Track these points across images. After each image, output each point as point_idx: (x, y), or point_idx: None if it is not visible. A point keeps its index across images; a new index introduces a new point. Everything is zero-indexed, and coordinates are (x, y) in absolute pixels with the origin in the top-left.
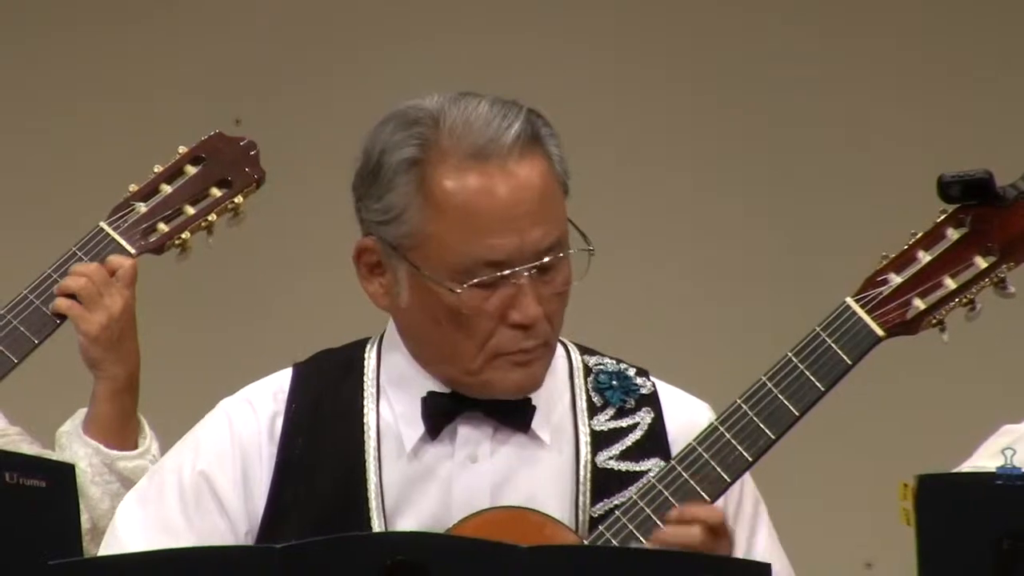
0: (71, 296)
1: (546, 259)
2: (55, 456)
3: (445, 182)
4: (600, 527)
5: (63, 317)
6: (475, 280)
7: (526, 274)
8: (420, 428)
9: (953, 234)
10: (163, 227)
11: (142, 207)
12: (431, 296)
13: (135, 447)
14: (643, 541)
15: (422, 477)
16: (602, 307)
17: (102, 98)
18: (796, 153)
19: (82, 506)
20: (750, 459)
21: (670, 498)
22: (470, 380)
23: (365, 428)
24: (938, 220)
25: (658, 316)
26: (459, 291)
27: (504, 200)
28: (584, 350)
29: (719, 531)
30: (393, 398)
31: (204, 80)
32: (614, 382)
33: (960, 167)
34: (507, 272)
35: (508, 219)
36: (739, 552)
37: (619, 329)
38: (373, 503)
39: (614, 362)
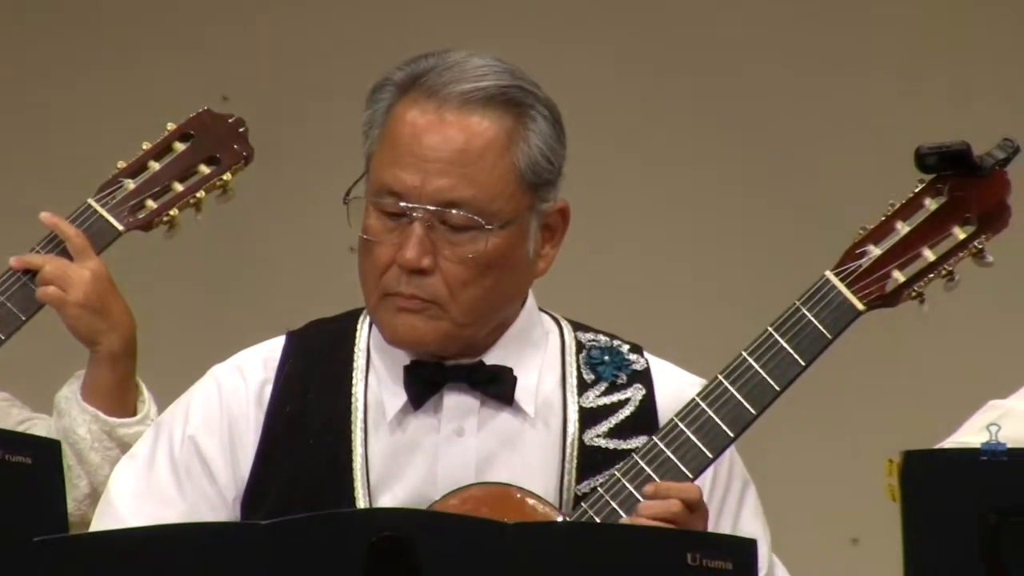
0: (48, 282)
1: (437, 208)
2: (51, 421)
3: (399, 109)
4: (583, 504)
5: None
6: (379, 202)
7: (417, 215)
8: (403, 397)
9: (931, 204)
10: (151, 204)
11: (130, 184)
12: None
13: (134, 413)
14: (625, 517)
15: (408, 449)
16: (595, 285)
17: (91, 75)
18: (775, 127)
19: (81, 472)
20: (731, 435)
21: (652, 475)
22: (373, 320)
23: (353, 399)
24: (916, 190)
25: (647, 291)
26: (372, 213)
27: (424, 138)
28: (578, 326)
29: (694, 507)
30: (379, 366)
31: (193, 57)
32: (606, 357)
33: (938, 138)
34: (403, 205)
35: (419, 157)
36: (725, 531)
37: (612, 305)
38: (358, 474)
39: (607, 338)
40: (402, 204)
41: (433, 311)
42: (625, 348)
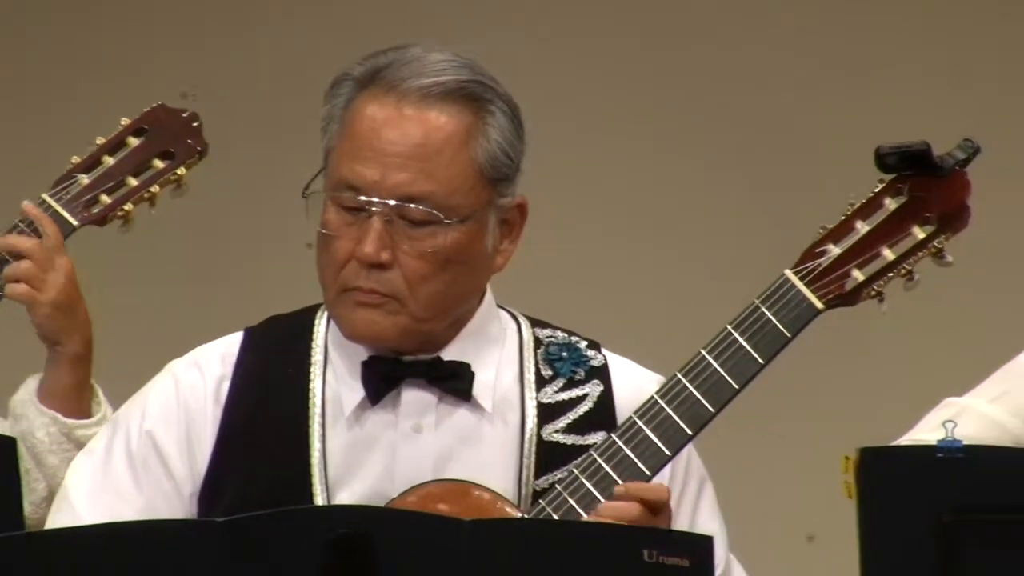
0: (18, 280)
1: (396, 203)
2: (6, 425)
3: (357, 103)
4: (541, 501)
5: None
6: (338, 196)
7: (376, 209)
8: (360, 392)
9: (891, 204)
10: (105, 199)
11: (84, 179)
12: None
13: (90, 415)
14: (583, 515)
15: (365, 445)
16: (554, 281)
17: (45, 69)
18: (744, 119)
19: (39, 475)
20: (690, 433)
21: (610, 472)
22: (332, 315)
23: (311, 395)
24: (876, 190)
25: (606, 289)
26: (330, 208)
27: (381, 133)
28: (536, 323)
29: (658, 509)
30: (337, 362)
31: (151, 53)
32: (564, 353)
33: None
34: (362, 200)
35: (378, 152)
36: (682, 528)
37: (571, 302)
38: (316, 471)
39: (565, 334)
40: (361, 198)
41: (392, 306)
42: (583, 344)
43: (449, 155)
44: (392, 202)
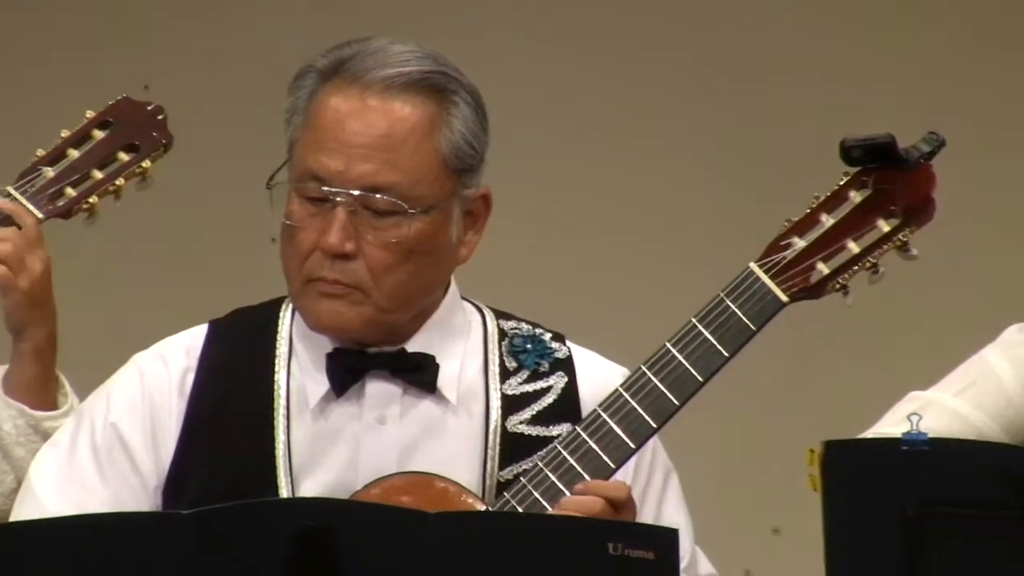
0: None
1: (360, 193)
2: None
3: (321, 95)
4: (506, 494)
5: None
6: (302, 187)
7: (340, 200)
8: (325, 384)
9: (856, 197)
10: (71, 192)
11: (49, 172)
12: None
13: (56, 406)
14: (548, 507)
15: (329, 437)
16: (520, 273)
17: (8, 63)
18: (712, 111)
19: (7, 467)
20: (654, 425)
21: (575, 465)
22: (296, 306)
23: (276, 387)
24: (841, 183)
25: (572, 281)
26: (295, 199)
27: (346, 125)
28: (500, 314)
29: (620, 505)
30: (301, 353)
31: (113, 45)
32: (528, 345)
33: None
34: (326, 190)
35: (342, 143)
36: (648, 520)
37: (536, 295)
38: (280, 462)
39: (530, 326)
40: (325, 189)
41: (356, 296)
42: (547, 336)
43: (413, 145)
44: (356, 192)
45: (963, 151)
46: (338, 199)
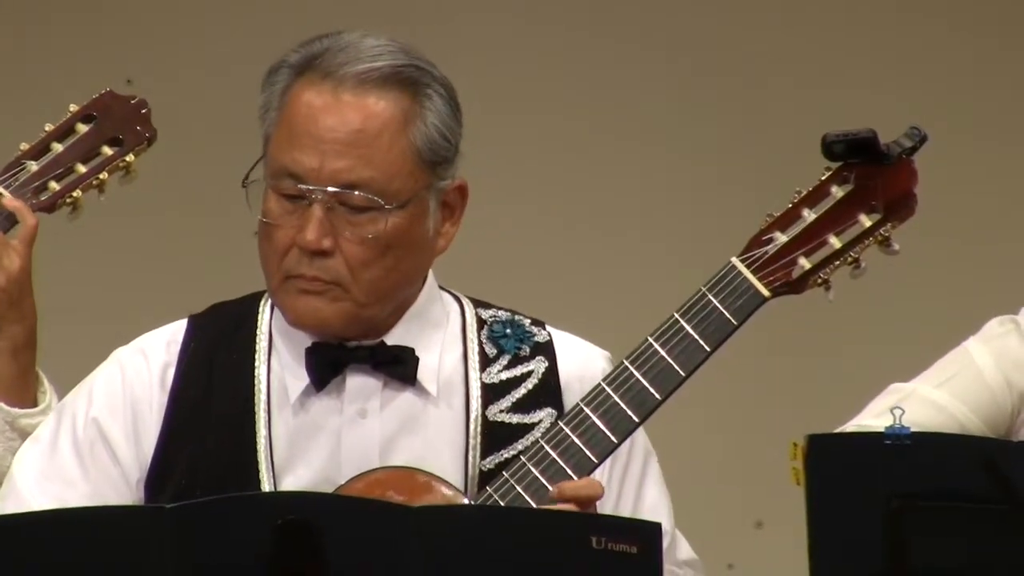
0: None
1: (337, 190)
2: None
3: (294, 91)
4: (488, 488)
5: None
6: (277, 185)
7: (317, 196)
8: (305, 379)
9: (838, 192)
10: (54, 186)
11: (33, 166)
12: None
13: (35, 403)
14: (531, 502)
15: (311, 431)
16: (502, 265)
17: None
18: (695, 102)
19: None
20: (637, 420)
21: (557, 459)
22: (276, 304)
23: (256, 382)
24: (823, 178)
25: (555, 275)
26: (271, 197)
27: (321, 120)
28: (479, 303)
29: (587, 506)
30: (281, 348)
31: (95, 39)
32: (508, 330)
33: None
34: (302, 188)
35: (316, 139)
36: (627, 505)
37: (518, 287)
38: (262, 456)
39: (508, 313)
40: (300, 186)
41: (335, 292)
42: (527, 321)
43: (387, 140)
44: (332, 189)
45: (946, 146)
46: (314, 196)
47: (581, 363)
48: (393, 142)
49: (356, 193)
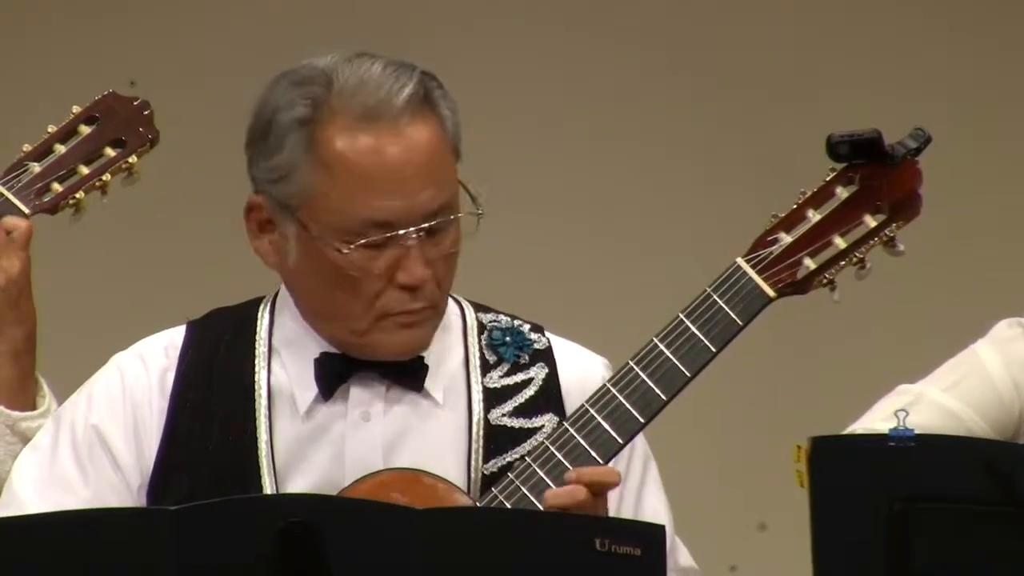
0: None
1: (434, 222)
2: None
3: (335, 142)
4: (493, 489)
5: None
6: (363, 241)
7: (414, 236)
8: (314, 389)
9: (842, 192)
10: (57, 187)
11: (36, 167)
12: (319, 256)
13: (34, 407)
14: (536, 502)
15: (314, 436)
16: (510, 268)
17: None
18: (696, 102)
19: None
20: (642, 421)
21: (562, 460)
22: (357, 341)
23: (257, 388)
24: (827, 179)
25: (559, 276)
26: (346, 251)
27: (392, 162)
28: (479, 307)
29: (602, 492)
30: (286, 359)
31: (98, 40)
32: (507, 338)
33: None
34: (394, 234)
35: (396, 181)
36: (628, 511)
37: (523, 290)
38: (264, 462)
39: (508, 319)
40: (391, 233)
41: (434, 313)
42: (526, 328)
43: (443, 154)
44: (426, 225)
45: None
46: (411, 236)
47: (581, 370)
48: (446, 154)
49: (441, 219)
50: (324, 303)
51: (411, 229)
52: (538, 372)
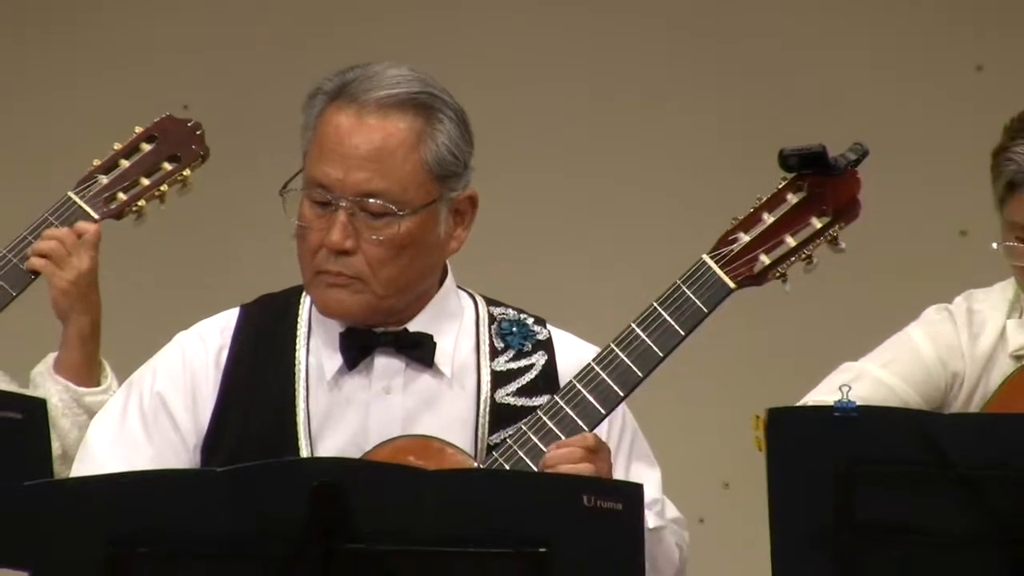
0: (44, 256)
1: (361, 200)
2: (29, 393)
3: (326, 114)
4: (495, 453)
5: (37, 273)
6: (309, 193)
7: (343, 204)
8: (339, 360)
9: (793, 198)
10: (122, 196)
11: (104, 179)
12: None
13: (98, 384)
14: (532, 464)
15: (343, 404)
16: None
17: (69, 85)
18: (692, 93)
19: (53, 435)
20: (622, 394)
21: (554, 428)
22: (309, 296)
23: (296, 362)
24: (779, 187)
25: (557, 274)
26: (304, 206)
27: (345, 138)
28: (490, 302)
29: (595, 449)
30: (318, 334)
31: (156, 69)
32: (514, 329)
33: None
34: (330, 195)
35: (341, 154)
36: (619, 473)
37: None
38: (301, 427)
39: (516, 312)
40: (328, 195)
41: (357, 286)
42: (530, 321)
43: (402, 156)
44: (353, 197)
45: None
46: (340, 203)
47: (575, 357)
48: (406, 158)
49: (374, 201)
50: (298, 255)
51: (339, 194)
52: (539, 359)
